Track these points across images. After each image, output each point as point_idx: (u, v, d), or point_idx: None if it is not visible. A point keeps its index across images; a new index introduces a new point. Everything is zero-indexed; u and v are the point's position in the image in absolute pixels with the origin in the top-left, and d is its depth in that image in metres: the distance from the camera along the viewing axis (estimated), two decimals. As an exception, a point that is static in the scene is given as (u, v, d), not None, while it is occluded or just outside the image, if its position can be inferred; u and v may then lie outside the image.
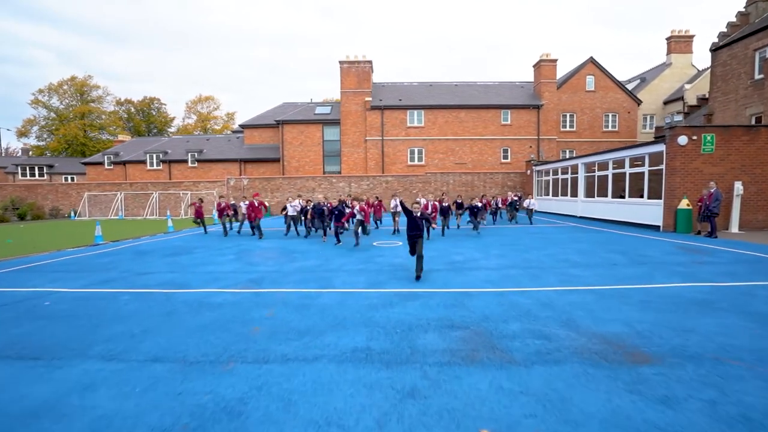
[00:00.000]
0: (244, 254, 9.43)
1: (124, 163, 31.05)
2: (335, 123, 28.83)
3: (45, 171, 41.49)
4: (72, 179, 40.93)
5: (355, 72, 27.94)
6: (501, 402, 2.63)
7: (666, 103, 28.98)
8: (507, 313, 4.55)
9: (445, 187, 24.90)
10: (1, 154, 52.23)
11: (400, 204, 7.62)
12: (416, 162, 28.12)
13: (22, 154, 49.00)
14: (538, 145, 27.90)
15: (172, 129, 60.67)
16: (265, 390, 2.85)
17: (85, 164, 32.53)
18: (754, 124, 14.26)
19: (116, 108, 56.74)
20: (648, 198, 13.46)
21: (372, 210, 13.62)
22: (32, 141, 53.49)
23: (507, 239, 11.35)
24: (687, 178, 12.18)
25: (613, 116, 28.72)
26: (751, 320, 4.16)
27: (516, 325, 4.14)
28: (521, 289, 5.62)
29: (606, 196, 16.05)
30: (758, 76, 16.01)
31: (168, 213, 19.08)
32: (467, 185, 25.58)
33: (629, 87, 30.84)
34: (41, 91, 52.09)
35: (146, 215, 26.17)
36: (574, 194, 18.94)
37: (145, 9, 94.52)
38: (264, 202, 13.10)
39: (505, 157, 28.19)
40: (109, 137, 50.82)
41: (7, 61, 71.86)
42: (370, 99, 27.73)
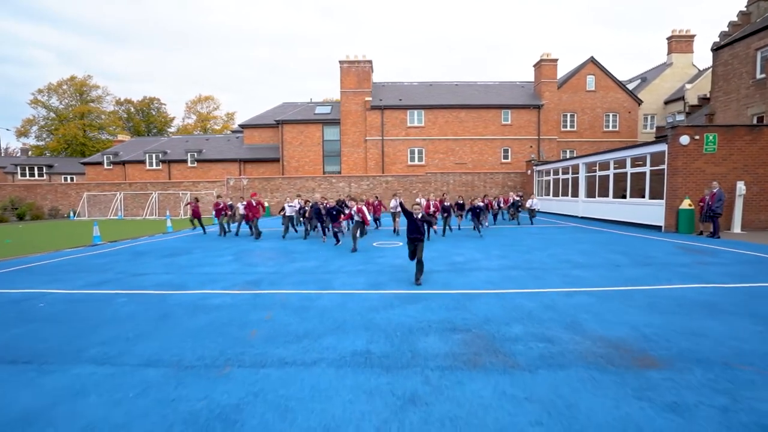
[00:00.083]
0: (243, 255, 9.33)
1: (124, 163, 30.97)
2: (335, 123, 28.73)
3: (44, 171, 41.40)
4: (71, 179, 40.85)
5: (355, 72, 27.85)
6: (505, 409, 2.54)
7: (667, 103, 28.89)
8: (509, 316, 4.46)
9: (446, 187, 24.80)
10: (1, 154, 52.16)
11: (400, 205, 7.46)
12: (416, 162, 28.01)
13: (22, 154, 48.87)
14: (539, 145, 27.80)
15: (172, 129, 60.57)
16: (262, 396, 2.76)
17: (85, 164, 32.42)
18: (757, 124, 14.16)
19: (116, 108, 56.66)
20: (649, 198, 13.38)
21: (372, 209, 13.53)
22: (32, 141, 53.44)
23: (508, 239, 11.26)
24: (689, 178, 12.09)
25: (614, 116, 28.63)
26: (760, 323, 4.07)
27: (519, 328, 4.04)
28: (523, 291, 5.53)
29: (607, 196, 15.94)
30: (760, 76, 15.92)
31: (167, 213, 18.98)
32: (467, 185, 25.48)
33: (630, 87, 30.75)
34: (41, 91, 52.00)
35: (145, 215, 26.08)
36: (575, 194, 18.84)
37: (145, 9, 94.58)
38: (262, 202, 12.97)
39: (506, 157, 28.09)
40: (109, 137, 50.73)
41: (7, 61, 71.92)
42: (370, 99, 27.63)
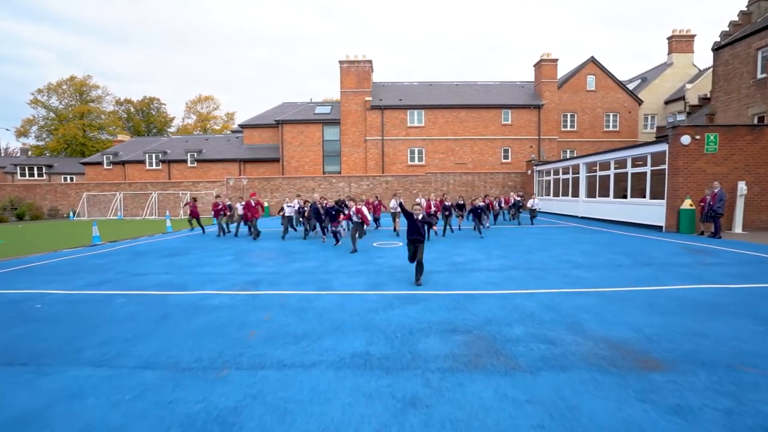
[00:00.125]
0: (242, 255, 9.30)
1: (123, 163, 30.94)
2: (335, 123, 28.70)
3: (44, 171, 41.38)
4: (71, 179, 40.82)
5: (355, 72, 27.82)
6: (507, 412, 2.51)
7: (667, 103, 28.85)
8: (510, 316, 4.43)
9: (446, 188, 24.77)
10: (1, 154, 52.14)
11: (400, 206, 7.34)
12: (416, 162, 27.98)
13: (21, 154, 48.85)
14: (539, 145, 27.76)
15: (172, 129, 60.55)
16: (260, 398, 2.73)
17: (84, 164, 32.40)
18: (758, 124, 14.13)
19: (116, 108, 56.63)
20: (650, 198, 13.34)
21: (372, 209, 13.49)
22: (31, 141, 53.41)
23: (508, 240, 11.22)
24: (690, 178, 12.06)
25: (614, 116, 28.59)
26: (763, 324, 4.04)
27: (520, 329, 4.01)
28: (524, 291, 5.50)
29: (608, 196, 15.91)
30: (761, 76, 15.88)
31: (167, 213, 18.95)
32: (468, 185, 25.45)
33: (630, 87, 30.72)
34: (40, 91, 51.97)
35: (145, 215, 26.06)
36: (576, 194, 18.81)
37: (145, 9, 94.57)
38: (261, 202, 12.88)
39: (506, 157, 28.05)
40: (109, 137, 50.71)
41: (7, 61, 71.92)
42: (370, 99, 27.59)
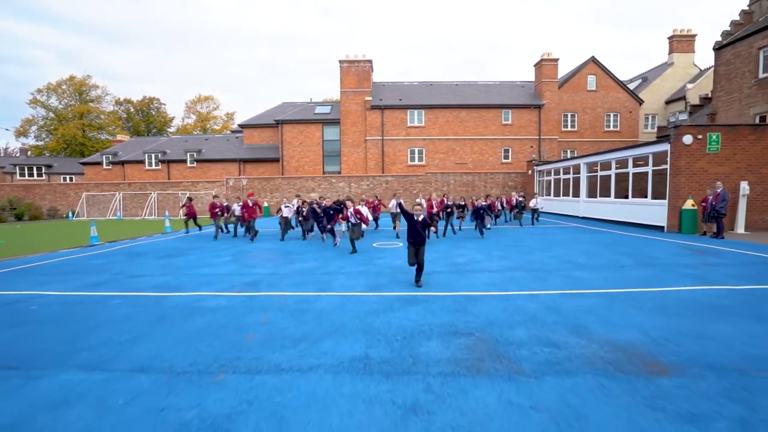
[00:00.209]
0: (241, 256, 9.21)
1: (123, 163, 30.86)
2: (335, 123, 28.62)
3: (43, 171, 41.28)
4: (70, 179, 40.72)
5: (355, 71, 27.73)
6: (511, 419, 2.42)
7: (668, 103, 28.78)
8: (512, 319, 4.34)
9: (446, 188, 24.69)
10: (0, 154, 52.02)
11: (399, 207, 7.12)
12: (416, 162, 27.90)
13: (21, 154, 48.76)
14: (540, 145, 27.68)
15: (172, 129, 60.45)
16: (256, 405, 2.64)
17: (84, 164, 32.31)
18: (760, 123, 14.05)
19: (115, 108, 56.52)
20: (652, 198, 13.26)
21: (371, 209, 13.39)
22: (31, 141, 53.30)
23: (509, 240, 11.14)
24: (692, 178, 11.98)
25: (615, 116, 28.52)
26: (771, 326, 3.95)
27: (523, 332, 3.93)
28: (526, 293, 5.41)
29: (609, 196, 15.83)
30: (762, 75, 15.80)
31: (166, 213, 18.85)
32: (468, 185, 25.37)
33: (631, 87, 30.64)
34: (40, 91, 51.85)
35: (144, 215, 25.97)
36: (576, 194, 18.73)
37: (145, 9, 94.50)
38: (259, 202, 12.69)
39: (506, 157, 27.97)
40: (108, 137, 50.57)
41: (7, 61, 71.82)
42: (370, 98, 27.51)
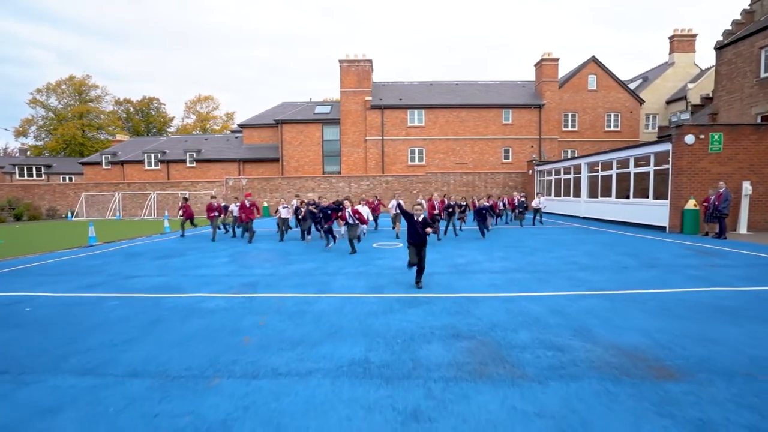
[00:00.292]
0: (239, 257, 9.13)
1: (122, 163, 30.78)
2: (335, 122, 28.54)
3: (43, 171, 41.19)
4: (70, 179, 40.62)
5: (355, 71, 27.66)
6: (515, 427, 2.34)
7: (669, 103, 28.70)
8: (515, 321, 4.26)
9: (446, 188, 24.61)
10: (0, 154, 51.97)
11: (399, 207, 6.93)
12: (417, 162, 27.82)
13: (20, 154, 48.69)
14: (540, 145, 27.60)
15: (171, 129, 60.38)
16: (252, 411, 2.56)
17: (83, 164, 32.24)
18: (762, 123, 13.97)
19: (115, 108, 56.44)
20: (653, 198, 13.18)
21: (371, 209, 13.31)
22: (30, 141, 53.22)
23: (510, 240, 11.06)
24: (694, 178, 11.91)
25: (616, 116, 28.44)
26: (779, 329, 3.87)
27: (526, 335, 3.85)
28: (529, 294, 5.33)
29: (610, 197, 15.76)
30: (764, 75, 15.71)
31: (166, 213, 18.77)
32: (468, 185, 25.29)
33: (631, 86, 30.57)
34: (39, 91, 51.76)
35: (144, 215, 25.89)
36: (577, 194, 18.65)
37: (145, 9, 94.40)
38: (256, 203, 12.53)
39: (507, 157, 27.89)
40: (108, 137, 50.50)
41: (7, 61, 71.73)
42: (370, 98, 27.43)
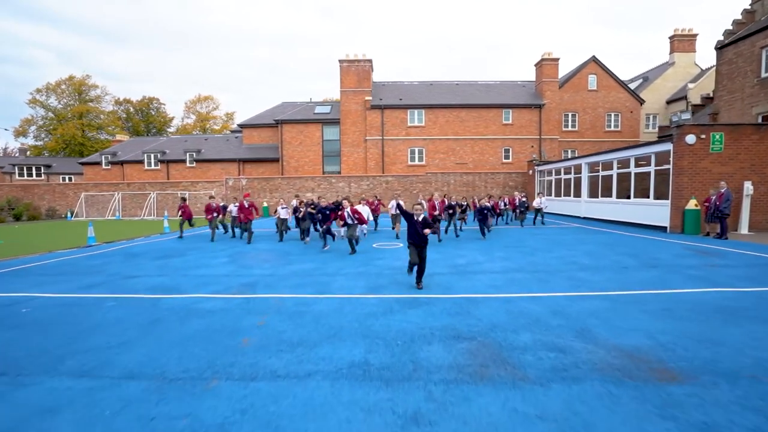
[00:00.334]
0: (239, 257, 9.10)
1: (122, 163, 30.74)
2: (335, 122, 28.50)
3: (42, 171, 41.15)
4: (69, 179, 40.59)
5: (355, 71, 27.62)
6: (517, 430, 2.31)
7: (669, 103, 28.67)
8: (516, 322, 4.23)
9: (446, 188, 24.58)
10: (-1, 154, 51.96)
11: (397, 207, 6.79)
12: (417, 162, 27.78)
13: (20, 154, 48.66)
14: (540, 145, 27.56)
15: (171, 129, 60.34)
16: (250, 414, 2.53)
17: (83, 164, 32.20)
18: (763, 123, 13.93)
19: (115, 108, 56.41)
20: (654, 198, 13.14)
21: (371, 208, 13.28)
22: (30, 141, 53.18)
23: (510, 241, 11.03)
24: (695, 178, 11.87)
25: (616, 116, 28.40)
26: (782, 330, 3.84)
27: (527, 336, 3.81)
28: (529, 295, 5.30)
29: (610, 197, 15.73)
30: (765, 74, 15.67)
31: (165, 213, 18.75)
32: (468, 185, 25.26)
33: (632, 86, 30.52)
34: (39, 91, 51.73)
35: (144, 215, 25.86)
36: (578, 194, 18.62)
37: (145, 9, 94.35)
38: (254, 204, 12.44)
39: (507, 157, 27.85)
40: (108, 137, 50.47)
41: (7, 61, 71.68)
42: (370, 98, 27.39)
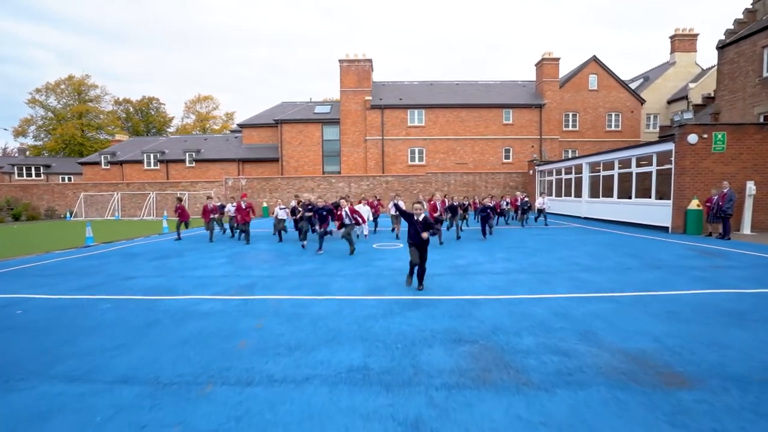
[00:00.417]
0: (237, 258, 9.02)
1: (121, 163, 30.67)
2: (335, 122, 28.42)
3: (42, 171, 41.08)
4: (69, 179, 40.50)
5: (355, 70, 27.54)
6: (522, 438, 2.23)
7: (670, 102, 28.60)
8: (519, 324, 4.15)
9: (446, 188, 24.50)
10: (-1, 154, 51.87)
11: (397, 207, 6.64)
12: (417, 162, 27.70)
13: (19, 154, 48.58)
14: (541, 145, 27.48)
15: (171, 129, 60.26)
16: (246, 421, 2.45)
17: (82, 164, 32.13)
18: (765, 122, 13.85)
19: (114, 108, 56.33)
20: (656, 198, 13.06)
21: (372, 209, 13.19)
22: (29, 141, 53.08)
23: (511, 241, 10.94)
24: (697, 178, 11.79)
25: (617, 116, 28.33)
26: (790, 333, 3.76)
27: (530, 339, 3.73)
28: (532, 296, 5.22)
29: (611, 197, 15.65)
30: (767, 74, 15.61)
31: (164, 213, 18.67)
32: (469, 185, 25.18)
33: (632, 86, 30.45)
34: (38, 91, 51.65)
35: (143, 216, 25.78)
36: (579, 194, 18.54)
37: (145, 9, 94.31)
38: (252, 204, 12.31)
39: (507, 157, 27.77)
40: (107, 137, 50.38)
41: (7, 61, 71.63)
42: (370, 98, 27.32)
